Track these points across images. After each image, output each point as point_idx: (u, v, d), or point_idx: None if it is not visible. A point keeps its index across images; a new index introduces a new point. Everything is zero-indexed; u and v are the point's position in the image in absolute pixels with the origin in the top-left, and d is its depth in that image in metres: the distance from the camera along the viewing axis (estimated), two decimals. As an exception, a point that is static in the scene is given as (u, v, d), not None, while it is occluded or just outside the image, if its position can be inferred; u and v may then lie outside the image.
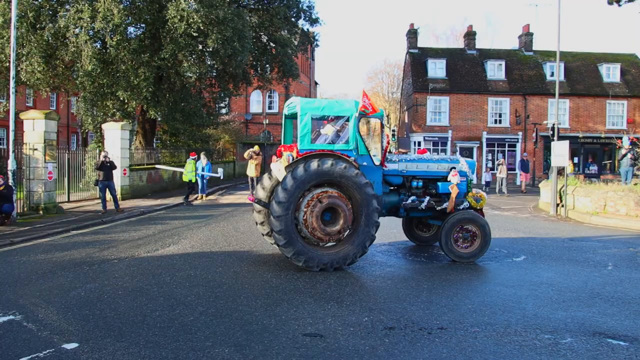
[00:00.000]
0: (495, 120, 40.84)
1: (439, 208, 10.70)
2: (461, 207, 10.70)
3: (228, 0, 22.91)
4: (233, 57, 22.59)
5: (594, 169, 40.50)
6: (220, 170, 22.17)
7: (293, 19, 29.10)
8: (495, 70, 41.21)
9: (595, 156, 41.62)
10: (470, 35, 44.52)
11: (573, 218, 18.49)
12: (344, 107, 9.82)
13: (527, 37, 44.12)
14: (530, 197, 26.81)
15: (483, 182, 31.04)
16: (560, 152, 19.52)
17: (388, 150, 11.17)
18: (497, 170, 30.17)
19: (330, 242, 9.56)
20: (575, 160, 38.34)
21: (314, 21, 29.60)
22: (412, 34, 43.92)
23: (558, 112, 23.18)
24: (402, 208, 10.76)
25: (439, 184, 10.77)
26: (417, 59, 42.30)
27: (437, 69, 41.03)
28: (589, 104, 40.83)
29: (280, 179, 9.41)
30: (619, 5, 27.14)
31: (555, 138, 20.57)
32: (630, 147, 21.20)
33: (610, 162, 40.25)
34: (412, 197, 10.66)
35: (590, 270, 9.99)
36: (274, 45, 28.44)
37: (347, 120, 9.76)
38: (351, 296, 7.64)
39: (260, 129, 46.37)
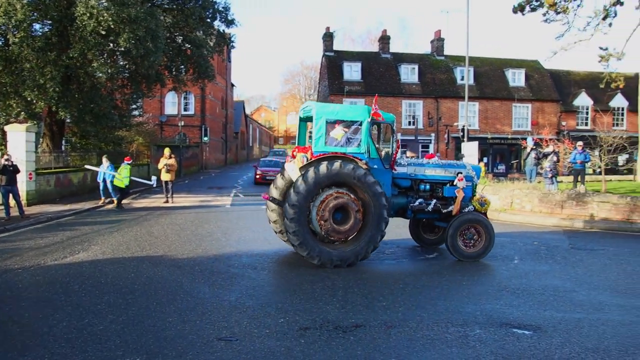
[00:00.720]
0: (409, 122, 41.90)
1: (444, 211, 11.10)
2: (466, 210, 11.10)
3: (140, -1, 22.29)
4: (146, 58, 21.96)
5: (501, 168, 42.38)
6: (154, 178, 21.43)
7: (209, 20, 28.60)
8: (409, 74, 42.32)
9: (503, 156, 43.56)
10: (384, 40, 45.48)
11: (482, 216, 19.23)
12: (357, 112, 10.28)
13: (438, 42, 45.58)
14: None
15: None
16: (470, 152, 20.31)
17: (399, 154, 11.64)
18: None
19: (341, 239, 9.96)
20: (485, 160, 39.95)
21: (230, 22, 29.25)
22: (328, 37, 44.38)
23: (468, 114, 24.12)
24: (409, 210, 11.18)
25: (446, 187, 11.24)
26: (333, 61, 42.78)
27: (352, 71, 41.66)
28: (496, 107, 42.69)
29: (293, 179, 9.94)
30: (523, 14, 28.55)
31: (466, 139, 21.37)
32: (534, 147, 22.32)
33: (517, 161, 42.20)
34: (420, 200, 11.10)
35: (498, 265, 10.43)
36: (189, 46, 27.87)
37: (360, 124, 10.17)
38: (267, 298, 7.60)
39: (175, 131, 45.35)
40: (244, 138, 74.22)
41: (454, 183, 11.16)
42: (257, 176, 33.72)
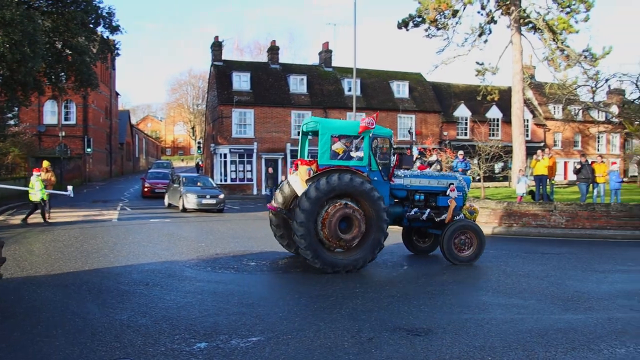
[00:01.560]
0: (298, 133, 42.31)
1: (438, 219, 11.97)
2: (457, 218, 11.93)
3: (17, 1, 20.98)
4: (23, 63, 20.68)
5: (388, 177, 43.82)
6: (69, 188, 20.06)
7: (91, 25, 27.41)
8: (298, 85, 42.79)
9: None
10: (273, 50, 45.71)
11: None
12: (359, 127, 10.92)
13: (326, 54, 46.46)
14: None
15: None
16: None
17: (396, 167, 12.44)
18: None
19: (344, 248, 10.63)
20: (373, 169, 41.08)
21: (114, 29, 28.19)
22: (217, 46, 43.96)
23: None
24: (405, 218, 12.05)
25: (439, 197, 12.09)
26: (222, 71, 42.42)
27: (241, 81, 41.49)
28: (382, 118, 44.03)
29: (298, 191, 10.81)
30: (407, 30, 29.90)
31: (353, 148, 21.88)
32: (419, 156, 23.31)
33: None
34: (415, 209, 11.97)
35: (389, 271, 10.86)
36: (70, 52, 26.53)
37: (362, 139, 11.01)
38: (160, 315, 7.37)
39: (55, 142, 42.95)
40: (130, 149, 71.75)
41: (447, 193, 12.02)
42: (145, 189, 32.73)
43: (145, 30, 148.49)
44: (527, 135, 44.68)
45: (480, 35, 29.20)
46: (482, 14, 29.73)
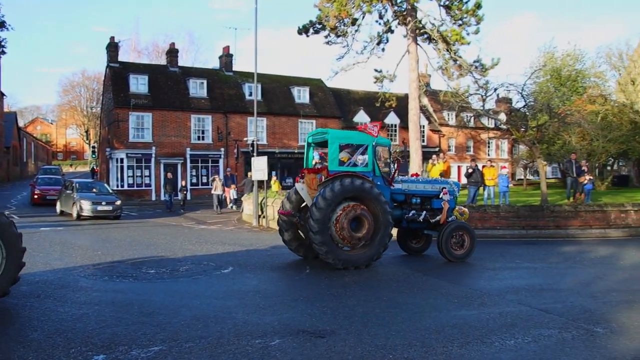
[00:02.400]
0: (199, 137, 41.65)
1: (433, 220, 13.03)
2: (450, 219, 12.97)
3: None
4: None
5: (289, 181, 44.00)
6: None
7: (-28, 21, 25.74)
8: (198, 88, 42.11)
9: (291, 169, 45.32)
10: (172, 53, 44.75)
11: (274, 227, 19.80)
12: (364, 137, 12.24)
13: (227, 57, 46.05)
14: (235, 211, 27.99)
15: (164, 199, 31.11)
16: (259, 167, 20.77)
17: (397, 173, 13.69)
18: (212, 186, 30.48)
19: (354, 245, 11.56)
20: (274, 173, 41.15)
21: (0, 25, 26.61)
22: (113, 48, 42.43)
23: (257, 129, 24.71)
24: (404, 220, 13.04)
25: (434, 200, 13.23)
26: (119, 73, 40.98)
27: (139, 84, 40.27)
28: (283, 123, 44.35)
29: (306, 198, 12.18)
30: (307, 36, 30.12)
31: (255, 154, 21.82)
32: (320, 160, 23.55)
33: (304, 175, 44.07)
34: (413, 212, 12.98)
35: (292, 275, 10.85)
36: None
37: (366, 148, 12.11)
38: (54, 328, 6.97)
39: None
40: (17, 153, 67.54)
41: (440, 197, 13.16)
42: (35, 196, 30.92)
43: (35, 28, 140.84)
44: (424, 141, 46.52)
45: (378, 43, 29.94)
46: (380, 24, 30.48)
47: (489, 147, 56.18)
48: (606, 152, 32.69)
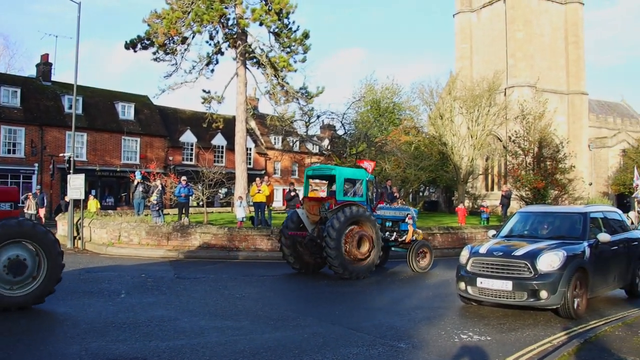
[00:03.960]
0: (9, 150, 38.25)
1: (400, 240, 16.33)
2: (412, 238, 16.25)
3: None
4: None
5: (110, 200, 41.97)
6: None
7: None
8: (10, 97, 38.74)
9: (112, 188, 43.27)
10: (-20, 56, 40.89)
11: (90, 250, 18.78)
12: (361, 173, 15.71)
13: (46, 66, 42.99)
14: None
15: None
16: (76, 185, 19.59)
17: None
18: (24, 205, 27.87)
19: (358, 259, 14.01)
20: (93, 192, 38.96)
21: None
22: None
23: (76, 145, 23.33)
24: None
25: (402, 223, 16.52)
26: None
27: None
28: (106, 139, 42.28)
29: (305, 222, 14.94)
30: (135, 51, 29.25)
31: (72, 171, 20.52)
32: (141, 180, 22.85)
33: (125, 194, 42.35)
34: (387, 232, 16.15)
35: (104, 300, 10.33)
36: None
37: (362, 182, 15.28)
38: None
39: None
40: None
41: (405, 221, 16.48)
42: None
43: None
44: (250, 163, 47.02)
45: (208, 64, 29.94)
46: (211, 44, 30.52)
47: (313, 171, 58.11)
48: (418, 179, 35.43)
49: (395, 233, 16.38)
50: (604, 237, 10.26)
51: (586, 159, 51.07)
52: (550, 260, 9.27)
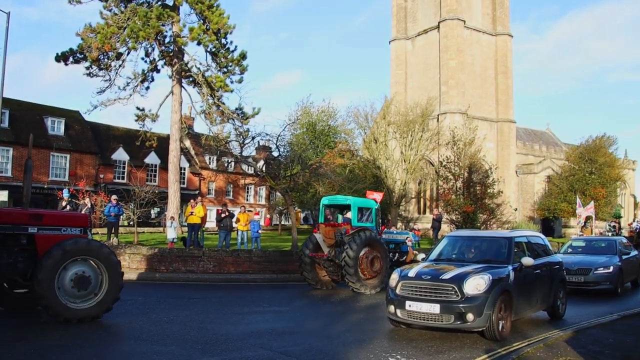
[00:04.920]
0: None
1: (402, 259, 18.80)
2: (412, 258, 18.27)
3: None
4: None
5: (36, 219, 40.35)
6: None
7: None
8: None
9: (39, 206, 41.55)
10: None
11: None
12: (370, 203, 17.88)
13: (-31, 77, 41.26)
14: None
15: None
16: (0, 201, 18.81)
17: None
18: None
19: (371, 277, 16.25)
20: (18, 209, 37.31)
21: None
22: None
23: (1, 160, 22.37)
24: None
25: (402, 245, 19.68)
26: None
27: None
28: (34, 154, 40.69)
29: (322, 244, 16.79)
30: (66, 64, 28.47)
31: (-4, 187, 19.70)
32: (70, 198, 22.14)
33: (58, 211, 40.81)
34: (390, 253, 18.59)
35: (22, 324, 9.89)
36: None
37: (371, 210, 17.44)
38: None
39: None
40: None
41: (405, 242, 19.69)
42: None
43: None
44: (183, 183, 46.28)
45: (142, 81, 29.51)
46: (146, 61, 30.15)
47: (247, 192, 57.80)
48: (352, 202, 35.70)
49: (397, 254, 19.49)
50: (527, 261, 10.65)
51: (514, 184, 52.84)
52: (477, 284, 9.52)
